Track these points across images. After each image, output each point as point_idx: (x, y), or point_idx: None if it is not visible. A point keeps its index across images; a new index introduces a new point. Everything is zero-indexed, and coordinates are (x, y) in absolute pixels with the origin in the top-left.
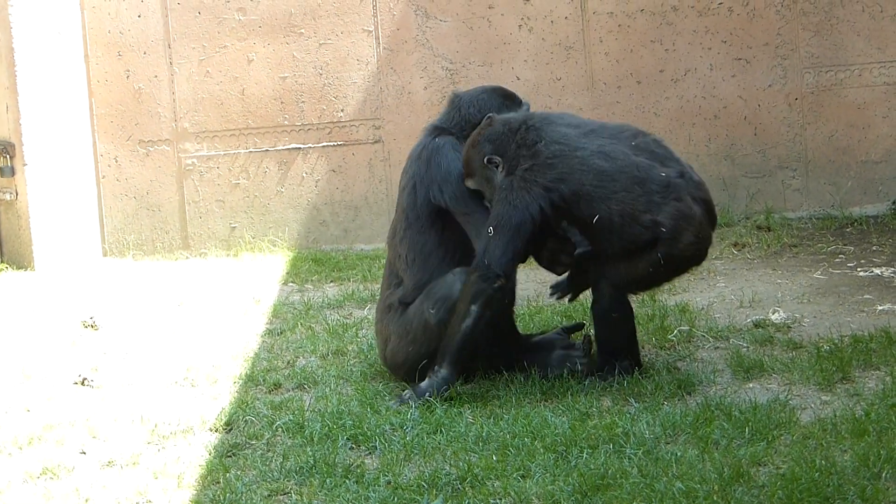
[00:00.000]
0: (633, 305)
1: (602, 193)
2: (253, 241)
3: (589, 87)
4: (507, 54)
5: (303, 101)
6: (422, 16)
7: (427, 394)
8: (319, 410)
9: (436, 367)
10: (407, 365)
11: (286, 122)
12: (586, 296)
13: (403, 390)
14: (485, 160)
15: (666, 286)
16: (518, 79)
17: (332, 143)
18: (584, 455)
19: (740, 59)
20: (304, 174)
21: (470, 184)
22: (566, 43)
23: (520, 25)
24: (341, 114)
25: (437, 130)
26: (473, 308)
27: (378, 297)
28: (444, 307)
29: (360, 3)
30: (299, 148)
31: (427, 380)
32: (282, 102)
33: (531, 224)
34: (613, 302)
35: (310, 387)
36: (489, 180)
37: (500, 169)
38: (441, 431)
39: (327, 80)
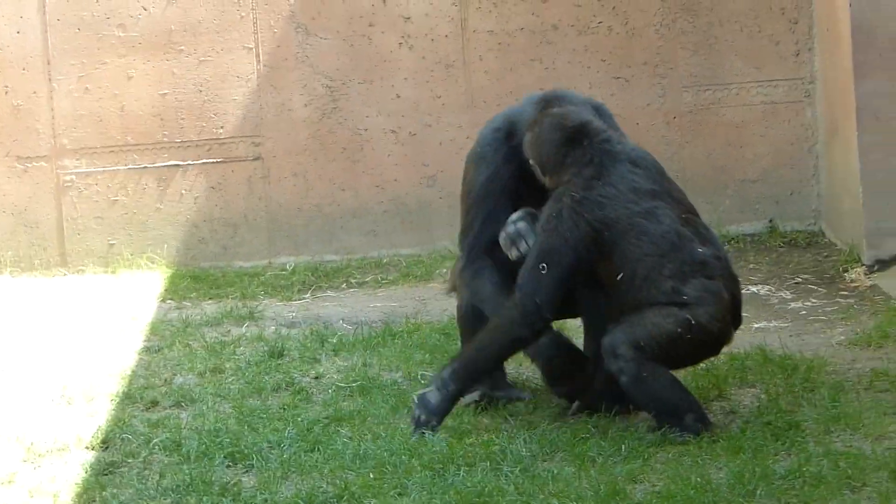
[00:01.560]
0: None
1: (636, 253)
2: (131, 258)
3: (469, 106)
4: (388, 72)
5: (182, 118)
6: (302, 33)
7: (431, 417)
8: (196, 428)
9: (445, 375)
10: None
11: (165, 139)
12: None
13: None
14: (530, 162)
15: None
16: (398, 96)
17: (211, 160)
18: (462, 473)
19: (619, 77)
20: (184, 191)
21: None
22: (446, 61)
23: (400, 43)
24: (221, 131)
25: None
26: (507, 343)
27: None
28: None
29: (241, 21)
30: (178, 165)
31: (436, 391)
32: (161, 119)
33: (578, 264)
34: (639, 362)
35: (187, 404)
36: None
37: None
38: (318, 449)
39: (207, 96)
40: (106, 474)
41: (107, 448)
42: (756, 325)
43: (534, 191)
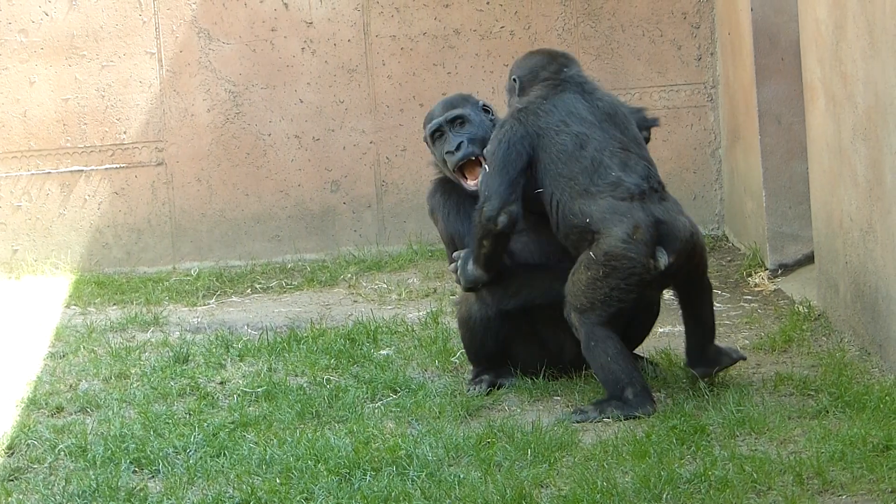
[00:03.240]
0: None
1: (553, 172)
2: (35, 264)
3: (372, 110)
4: (291, 77)
5: (85, 124)
6: (205, 38)
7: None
8: (102, 434)
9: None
10: None
11: (69, 145)
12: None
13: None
14: (512, 77)
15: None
16: (301, 101)
17: (114, 166)
18: (368, 477)
19: None
20: (87, 196)
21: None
22: (349, 66)
23: (303, 48)
24: (124, 136)
25: None
26: (485, 242)
27: None
28: None
29: (143, 26)
30: (82, 170)
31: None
32: (64, 125)
33: (517, 160)
34: (588, 332)
35: (92, 410)
36: (510, 97)
37: (517, 93)
38: (224, 455)
39: (110, 102)
40: (11, 480)
41: (12, 454)
42: (661, 330)
43: None
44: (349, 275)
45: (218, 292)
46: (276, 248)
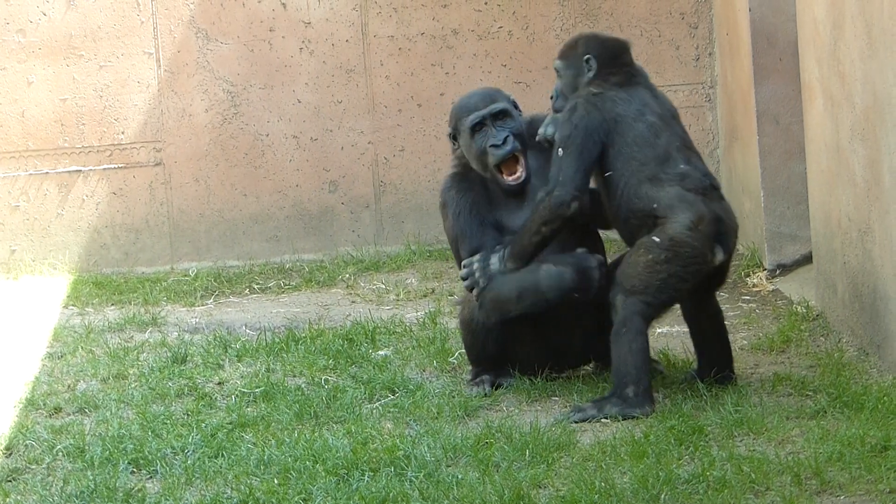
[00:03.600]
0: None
1: (626, 154)
2: (33, 264)
3: (370, 110)
4: (289, 77)
5: (83, 124)
6: (203, 38)
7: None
8: (100, 434)
9: (498, 257)
10: None
11: (67, 145)
12: None
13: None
14: (584, 56)
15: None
16: (299, 101)
17: (112, 166)
18: (366, 478)
19: (520, 82)
20: (85, 197)
21: (557, 63)
22: (347, 66)
23: (301, 48)
24: (122, 136)
25: None
26: (544, 228)
27: None
28: None
29: (141, 26)
30: (80, 170)
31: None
32: (62, 125)
33: (591, 147)
34: (626, 317)
35: (90, 411)
36: (575, 75)
37: (592, 75)
38: (223, 455)
39: (108, 102)
40: (9, 481)
41: (10, 454)
42: (659, 330)
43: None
44: (347, 275)
45: (216, 293)
46: (274, 249)
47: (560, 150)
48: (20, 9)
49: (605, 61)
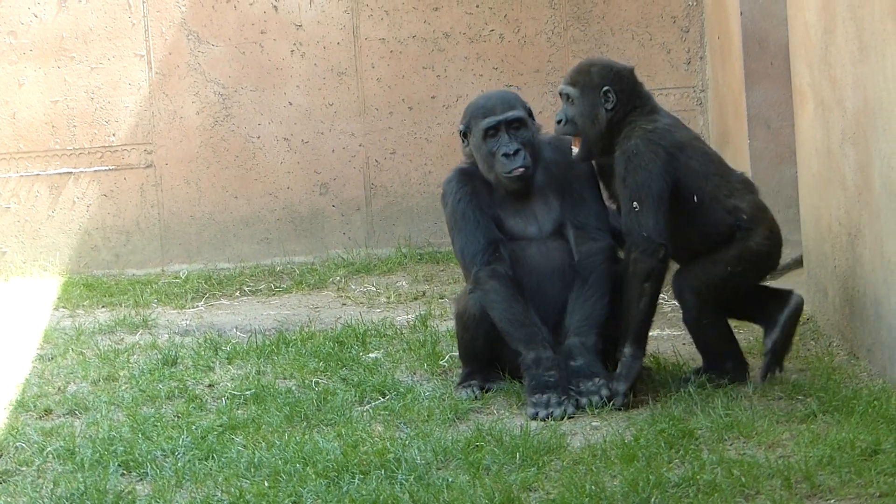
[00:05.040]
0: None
1: (703, 172)
2: (24, 266)
3: (361, 113)
4: (280, 79)
5: (74, 126)
6: (194, 40)
7: (628, 379)
8: (90, 436)
9: (624, 350)
10: None
11: (58, 147)
12: None
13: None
14: (603, 88)
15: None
16: (290, 104)
17: (103, 168)
18: (356, 481)
19: (511, 85)
20: (76, 199)
21: (567, 89)
22: (338, 68)
23: (292, 51)
24: (113, 138)
25: None
26: (644, 281)
27: None
28: None
29: (132, 28)
30: (71, 172)
31: (620, 365)
32: (53, 126)
33: (666, 188)
34: (700, 309)
35: (81, 413)
36: (591, 106)
37: (610, 107)
38: (213, 457)
39: (99, 104)
40: None
41: (0, 456)
42: (651, 334)
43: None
44: (338, 277)
45: (206, 295)
46: (264, 251)
47: (635, 202)
48: (11, 10)
49: (624, 92)
